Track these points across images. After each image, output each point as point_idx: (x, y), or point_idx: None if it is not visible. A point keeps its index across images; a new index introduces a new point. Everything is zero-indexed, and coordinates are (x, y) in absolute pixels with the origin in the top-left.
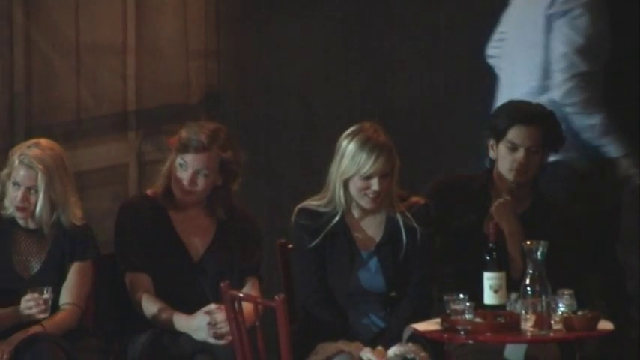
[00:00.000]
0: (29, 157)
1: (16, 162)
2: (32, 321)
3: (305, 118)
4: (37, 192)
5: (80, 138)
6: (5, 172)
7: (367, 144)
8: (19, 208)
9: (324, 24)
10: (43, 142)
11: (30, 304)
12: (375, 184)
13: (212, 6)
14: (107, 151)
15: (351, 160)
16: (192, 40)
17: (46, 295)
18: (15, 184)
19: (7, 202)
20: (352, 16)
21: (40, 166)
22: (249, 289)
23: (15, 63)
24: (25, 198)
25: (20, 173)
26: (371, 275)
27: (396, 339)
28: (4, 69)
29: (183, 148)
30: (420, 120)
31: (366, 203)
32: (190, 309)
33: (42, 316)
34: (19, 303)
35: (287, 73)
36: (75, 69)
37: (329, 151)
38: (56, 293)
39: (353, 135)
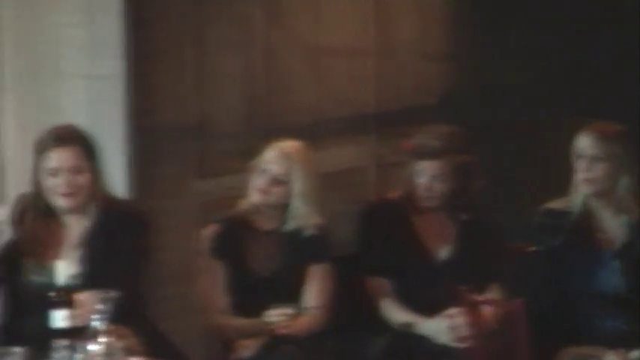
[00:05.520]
0: (286, 148)
1: (272, 152)
2: None
3: (533, 120)
4: (284, 183)
5: (318, 140)
6: (254, 162)
7: (586, 127)
8: (261, 191)
9: (557, 28)
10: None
11: (274, 319)
12: (582, 162)
13: (449, 8)
14: (345, 153)
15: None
16: (430, 42)
17: (290, 311)
18: (263, 170)
19: (244, 201)
20: (581, 19)
21: (296, 156)
22: (494, 296)
23: (254, 65)
24: (271, 184)
25: (274, 160)
26: (612, 276)
27: (635, 344)
28: (243, 71)
29: (418, 155)
30: None
31: (582, 188)
32: (431, 312)
33: (284, 331)
34: (257, 302)
35: (519, 76)
36: (314, 72)
37: (555, 153)
38: (291, 295)
39: None
